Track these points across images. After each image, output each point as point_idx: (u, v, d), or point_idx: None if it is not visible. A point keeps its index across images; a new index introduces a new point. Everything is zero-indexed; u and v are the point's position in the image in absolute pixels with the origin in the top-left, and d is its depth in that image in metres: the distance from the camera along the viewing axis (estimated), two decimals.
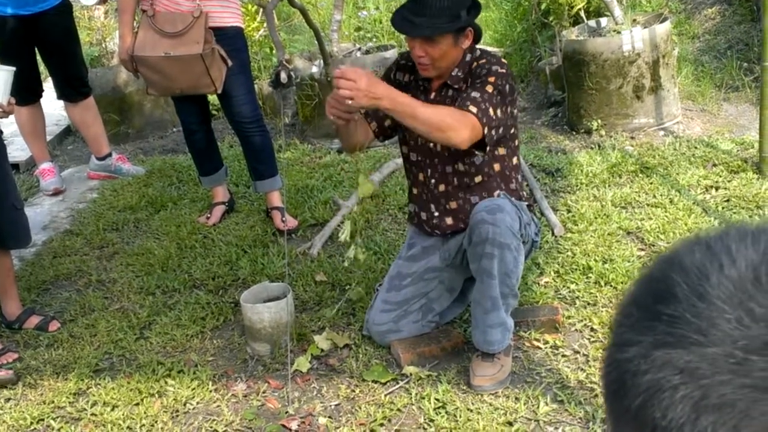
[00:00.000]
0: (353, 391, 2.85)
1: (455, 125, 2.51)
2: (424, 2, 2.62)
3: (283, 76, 3.66)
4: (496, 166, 2.83)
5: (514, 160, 2.89)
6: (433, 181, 2.92)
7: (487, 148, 2.66)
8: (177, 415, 2.81)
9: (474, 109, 2.56)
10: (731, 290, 0.51)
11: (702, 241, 0.56)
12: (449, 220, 2.94)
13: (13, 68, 3.14)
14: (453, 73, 2.76)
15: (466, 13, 2.67)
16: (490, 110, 2.59)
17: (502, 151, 2.82)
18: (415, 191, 3.04)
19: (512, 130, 2.81)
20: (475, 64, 2.74)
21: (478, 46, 2.81)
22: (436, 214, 2.96)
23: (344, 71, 2.45)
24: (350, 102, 2.44)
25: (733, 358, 0.48)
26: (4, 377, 3.03)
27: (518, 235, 2.70)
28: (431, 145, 2.83)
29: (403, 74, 2.92)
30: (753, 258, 0.52)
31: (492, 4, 7.18)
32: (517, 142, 2.90)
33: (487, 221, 2.65)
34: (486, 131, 2.58)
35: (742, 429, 0.47)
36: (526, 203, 2.90)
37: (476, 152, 2.71)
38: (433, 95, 2.81)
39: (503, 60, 2.76)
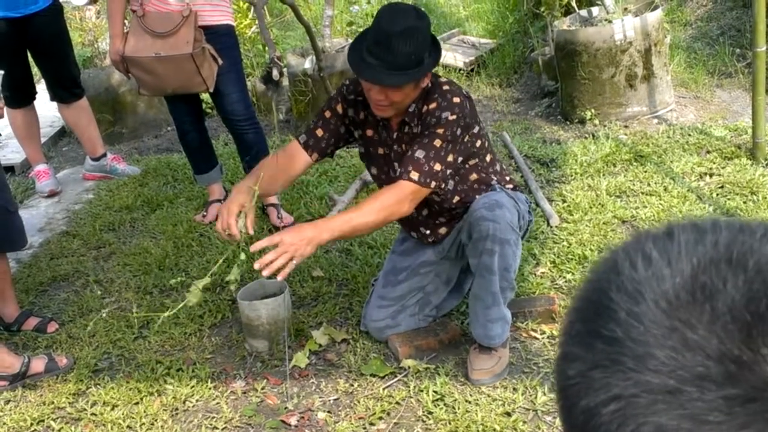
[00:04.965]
0: (352, 385, 2.86)
1: (391, 209, 2.60)
2: (389, 47, 2.52)
3: (275, 73, 3.67)
4: (473, 176, 2.81)
5: (488, 158, 2.86)
6: (414, 209, 2.91)
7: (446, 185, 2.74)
8: (177, 413, 2.82)
9: (415, 176, 2.59)
10: (666, 311, 0.50)
11: (645, 247, 0.55)
12: (442, 230, 2.96)
13: (1, 71, 3.13)
14: (409, 110, 2.70)
15: (428, 56, 2.60)
16: (436, 166, 2.61)
17: (473, 161, 2.80)
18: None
19: (478, 143, 2.78)
20: (425, 108, 2.66)
21: (434, 72, 2.73)
22: (428, 232, 2.98)
23: (268, 244, 2.47)
24: (295, 261, 2.47)
25: (668, 387, 0.48)
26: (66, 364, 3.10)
27: (517, 228, 2.72)
28: None
29: (357, 112, 2.86)
30: (691, 269, 0.52)
31: None
32: (487, 144, 2.86)
33: (487, 218, 2.64)
34: (433, 186, 2.63)
35: None
36: (512, 186, 2.90)
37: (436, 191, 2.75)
38: (396, 134, 2.79)
39: (455, 99, 2.64)
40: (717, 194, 3.90)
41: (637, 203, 3.90)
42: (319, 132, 2.88)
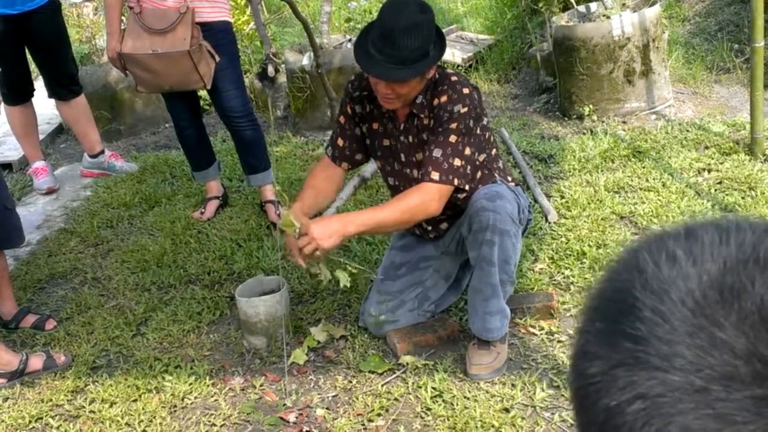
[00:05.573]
0: (350, 381, 2.86)
1: (416, 210, 2.61)
2: (394, 41, 2.52)
3: (271, 69, 3.66)
4: (478, 174, 2.81)
5: (493, 152, 2.87)
6: None
7: (467, 186, 2.70)
8: (175, 410, 2.82)
9: (436, 176, 2.60)
10: (693, 309, 0.50)
11: (668, 246, 0.55)
12: (443, 226, 2.96)
13: None
14: (417, 101, 2.70)
15: (433, 48, 2.60)
16: (456, 161, 2.61)
17: (482, 157, 2.80)
18: None
19: (486, 135, 2.79)
20: (436, 101, 2.67)
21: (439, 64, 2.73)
22: (429, 228, 2.98)
23: (304, 239, 2.54)
24: (318, 253, 2.54)
25: (695, 386, 0.48)
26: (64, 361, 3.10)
27: (517, 220, 2.72)
28: (408, 170, 2.83)
29: (362, 106, 2.87)
30: (717, 268, 0.51)
31: None
32: (492, 139, 2.87)
33: (488, 209, 2.65)
34: (456, 182, 2.63)
35: None
36: (513, 183, 2.90)
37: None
38: (402, 125, 2.79)
39: (465, 90, 2.65)
40: (715, 190, 3.89)
41: (636, 199, 3.89)
42: (340, 141, 2.93)
